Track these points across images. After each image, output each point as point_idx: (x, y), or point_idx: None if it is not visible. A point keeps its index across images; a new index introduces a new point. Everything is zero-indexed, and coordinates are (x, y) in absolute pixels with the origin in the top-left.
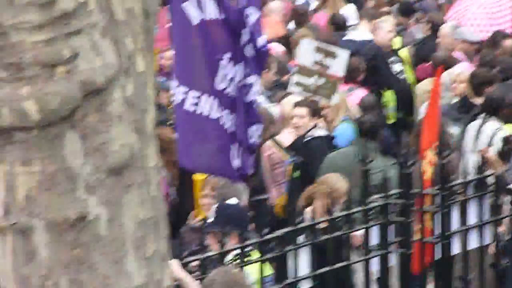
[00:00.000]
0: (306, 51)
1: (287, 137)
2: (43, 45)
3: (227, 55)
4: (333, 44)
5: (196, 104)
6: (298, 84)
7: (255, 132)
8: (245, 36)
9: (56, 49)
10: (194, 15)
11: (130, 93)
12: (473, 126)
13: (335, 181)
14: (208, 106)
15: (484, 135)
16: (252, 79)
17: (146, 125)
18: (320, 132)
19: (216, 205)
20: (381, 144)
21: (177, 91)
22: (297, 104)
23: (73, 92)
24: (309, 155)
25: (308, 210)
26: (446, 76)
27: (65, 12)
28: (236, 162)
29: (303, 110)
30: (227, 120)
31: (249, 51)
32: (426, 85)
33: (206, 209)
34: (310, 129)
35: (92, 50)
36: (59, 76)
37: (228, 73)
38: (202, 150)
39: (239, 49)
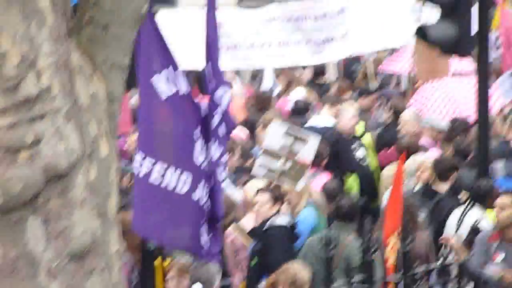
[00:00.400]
0: (275, 134)
1: (249, 222)
2: (6, 129)
3: (197, 131)
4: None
5: (162, 176)
6: (262, 166)
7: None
8: (218, 116)
9: (19, 133)
10: (163, 90)
11: (93, 177)
12: (456, 213)
13: (298, 270)
14: (174, 180)
15: (467, 223)
16: (224, 158)
17: (109, 210)
18: (282, 220)
19: None
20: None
21: (143, 164)
22: (259, 191)
23: (36, 177)
24: (268, 243)
25: None
26: (412, 163)
27: (29, 97)
28: (204, 239)
29: (265, 197)
30: (202, 196)
31: (221, 131)
32: (390, 170)
33: None
34: (272, 216)
35: (56, 135)
36: (22, 160)
37: (203, 149)
38: (165, 222)
39: (212, 128)
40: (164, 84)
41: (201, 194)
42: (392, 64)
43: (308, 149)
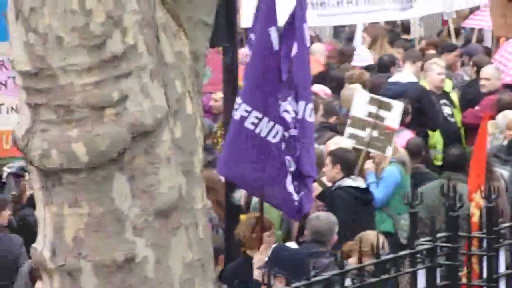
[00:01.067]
0: (360, 103)
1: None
2: (92, 87)
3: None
4: (381, 84)
5: (256, 124)
6: (351, 136)
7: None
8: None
9: (105, 91)
10: (275, 42)
11: (179, 135)
12: None
13: (373, 239)
14: (267, 129)
15: None
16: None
17: (194, 167)
18: (349, 182)
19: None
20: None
21: (239, 108)
22: (329, 154)
23: (122, 134)
24: (332, 204)
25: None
26: (502, 119)
27: (115, 55)
28: (295, 197)
29: (329, 160)
30: (291, 153)
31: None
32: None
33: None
34: (341, 178)
35: (141, 93)
36: (108, 118)
37: (291, 105)
38: (253, 168)
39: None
40: (276, 37)
41: (289, 152)
42: (475, 20)
43: (393, 115)
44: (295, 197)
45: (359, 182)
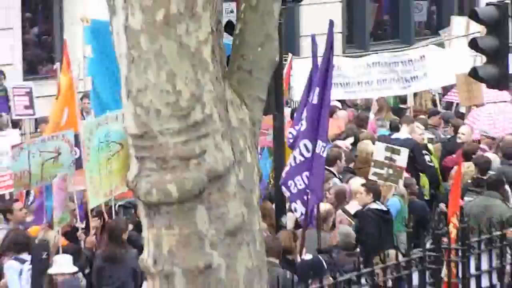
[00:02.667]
0: (380, 150)
1: (353, 207)
2: (181, 145)
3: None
4: (385, 140)
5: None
6: (375, 174)
7: None
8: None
9: (190, 147)
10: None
11: (242, 178)
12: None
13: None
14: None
15: None
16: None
17: (253, 200)
18: (375, 206)
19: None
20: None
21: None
22: (362, 185)
23: (202, 177)
24: (364, 221)
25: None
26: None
27: (196, 121)
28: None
29: (364, 189)
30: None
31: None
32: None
33: None
34: (369, 203)
35: (215, 148)
36: (192, 166)
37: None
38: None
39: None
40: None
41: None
42: (452, 95)
43: (402, 158)
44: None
45: (382, 206)
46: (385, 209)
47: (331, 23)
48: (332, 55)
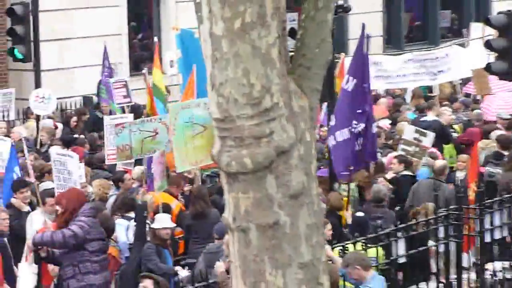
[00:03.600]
0: (409, 131)
1: (390, 175)
2: (254, 126)
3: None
4: (417, 122)
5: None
6: (403, 150)
7: None
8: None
9: (261, 129)
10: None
11: (302, 152)
12: None
13: (430, 208)
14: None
15: None
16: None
17: (311, 171)
18: (406, 172)
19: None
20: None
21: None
22: (395, 157)
23: (271, 152)
24: (398, 184)
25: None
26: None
27: (266, 108)
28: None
29: (396, 161)
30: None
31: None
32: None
33: None
34: (400, 171)
35: (281, 129)
36: (263, 144)
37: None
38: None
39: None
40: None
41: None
42: (469, 87)
43: (428, 140)
44: None
45: (410, 173)
46: (413, 174)
47: (363, 26)
48: (364, 51)
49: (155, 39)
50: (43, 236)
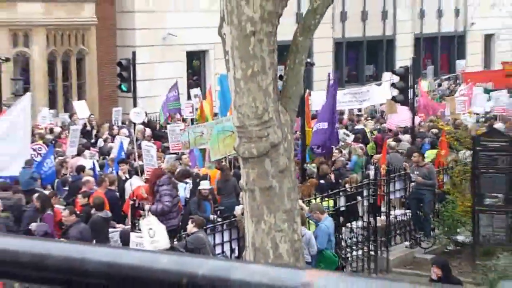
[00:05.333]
0: (341, 132)
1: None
2: (258, 131)
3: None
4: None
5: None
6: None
7: None
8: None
9: (262, 132)
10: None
11: (286, 146)
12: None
13: (354, 178)
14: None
15: None
16: None
17: (291, 156)
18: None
19: None
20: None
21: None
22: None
23: (267, 146)
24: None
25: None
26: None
27: (266, 120)
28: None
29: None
30: None
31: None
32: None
33: None
34: (338, 157)
35: (274, 133)
36: (263, 141)
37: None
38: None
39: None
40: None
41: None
42: (382, 108)
43: (350, 139)
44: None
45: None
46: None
47: (329, 74)
48: (331, 88)
49: (204, 81)
50: (157, 208)
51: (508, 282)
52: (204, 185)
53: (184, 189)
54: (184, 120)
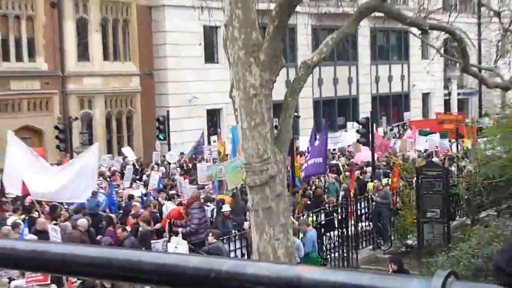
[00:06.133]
0: None
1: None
2: (260, 166)
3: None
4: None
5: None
6: None
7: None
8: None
9: (263, 168)
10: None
11: (281, 177)
12: None
13: (332, 199)
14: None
15: None
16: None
17: (285, 184)
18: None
19: None
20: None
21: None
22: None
23: (267, 177)
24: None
25: None
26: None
27: (265, 159)
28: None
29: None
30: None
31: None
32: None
33: None
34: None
35: (271, 168)
36: (264, 173)
37: None
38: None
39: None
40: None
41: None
42: (350, 148)
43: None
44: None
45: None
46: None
47: (314, 127)
48: (323, 133)
49: (219, 131)
50: (186, 230)
51: (442, 271)
52: (225, 208)
53: (207, 211)
54: (206, 160)
